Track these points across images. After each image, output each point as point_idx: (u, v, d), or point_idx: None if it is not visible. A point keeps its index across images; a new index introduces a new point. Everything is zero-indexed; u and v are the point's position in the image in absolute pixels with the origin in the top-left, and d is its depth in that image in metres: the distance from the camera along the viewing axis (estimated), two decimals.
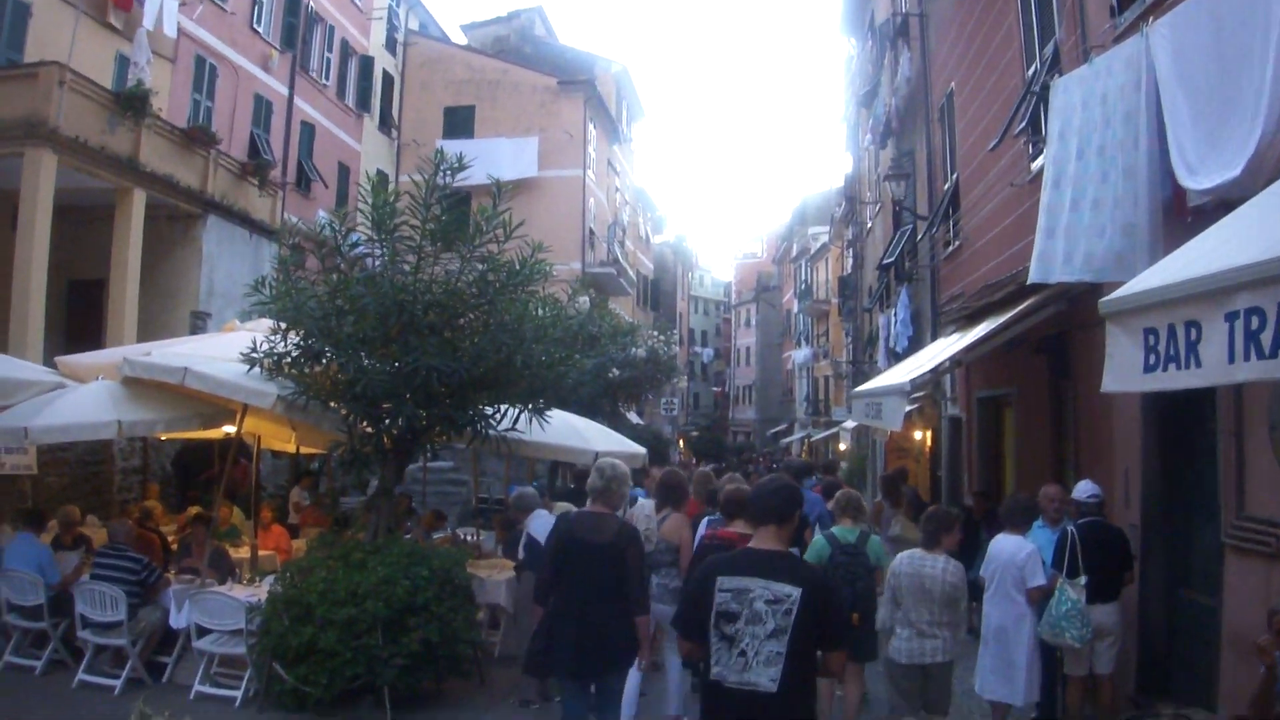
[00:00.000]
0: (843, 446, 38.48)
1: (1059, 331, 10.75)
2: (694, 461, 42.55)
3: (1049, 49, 10.90)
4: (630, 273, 43.30)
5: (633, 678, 7.37)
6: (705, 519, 8.57)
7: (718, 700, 4.37)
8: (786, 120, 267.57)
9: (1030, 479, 12.11)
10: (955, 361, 10.80)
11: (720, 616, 4.33)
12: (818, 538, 8.34)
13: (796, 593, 4.24)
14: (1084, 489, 8.22)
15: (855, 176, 35.80)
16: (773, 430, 74.28)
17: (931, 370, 10.75)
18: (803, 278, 61.98)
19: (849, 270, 38.63)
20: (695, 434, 67.87)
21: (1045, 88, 10.38)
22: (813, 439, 51.08)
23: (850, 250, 37.11)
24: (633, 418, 33.06)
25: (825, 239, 52.88)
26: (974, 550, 10.91)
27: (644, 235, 54.07)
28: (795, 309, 65.70)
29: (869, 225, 29.94)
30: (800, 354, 61.86)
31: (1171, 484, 8.54)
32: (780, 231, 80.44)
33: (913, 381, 10.27)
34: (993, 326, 10.65)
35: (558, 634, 6.26)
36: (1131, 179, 7.14)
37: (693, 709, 7.34)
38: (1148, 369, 4.26)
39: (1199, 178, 6.23)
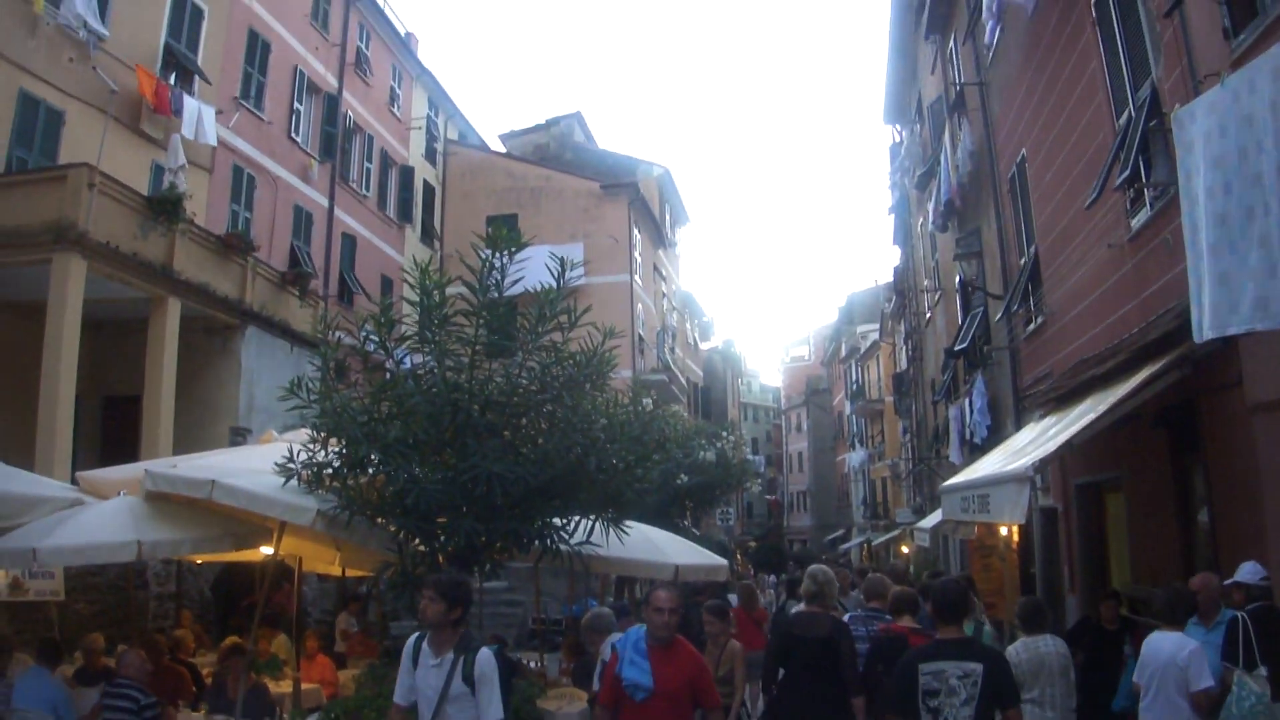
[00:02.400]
0: (905, 549, 37.18)
1: (1181, 401, 9.61)
2: (751, 573, 41.16)
3: (1144, 91, 9.94)
4: (681, 379, 42.42)
5: None
6: (848, 614, 9.07)
7: None
8: (830, 217, 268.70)
9: (1147, 572, 10.91)
10: (1069, 445, 9.63)
11: (925, 694, 5.58)
12: None
13: (980, 667, 5.57)
14: (1252, 571, 7.08)
15: (907, 268, 35.03)
16: (830, 536, 72.73)
17: (1043, 456, 9.56)
18: (853, 378, 61.26)
19: (904, 366, 37.65)
20: (753, 543, 66.39)
21: (1148, 132, 9.47)
22: (873, 543, 49.69)
23: (907, 344, 36.12)
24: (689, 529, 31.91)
25: (875, 337, 52.31)
26: (1114, 669, 9.33)
27: (692, 341, 53.33)
28: (847, 410, 64.83)
29: (928, 315, 28.92)
30: (855, 456, 60.93)
31: None
32: (828, 332, 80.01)
33: (1035, 465, 9.10)
34: (1111, 402, 9.51)
35: (786, 716, 7.52)
36: None
37: None
38: None
39: None
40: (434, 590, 5.98)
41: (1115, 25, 10.77)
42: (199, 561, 14.22)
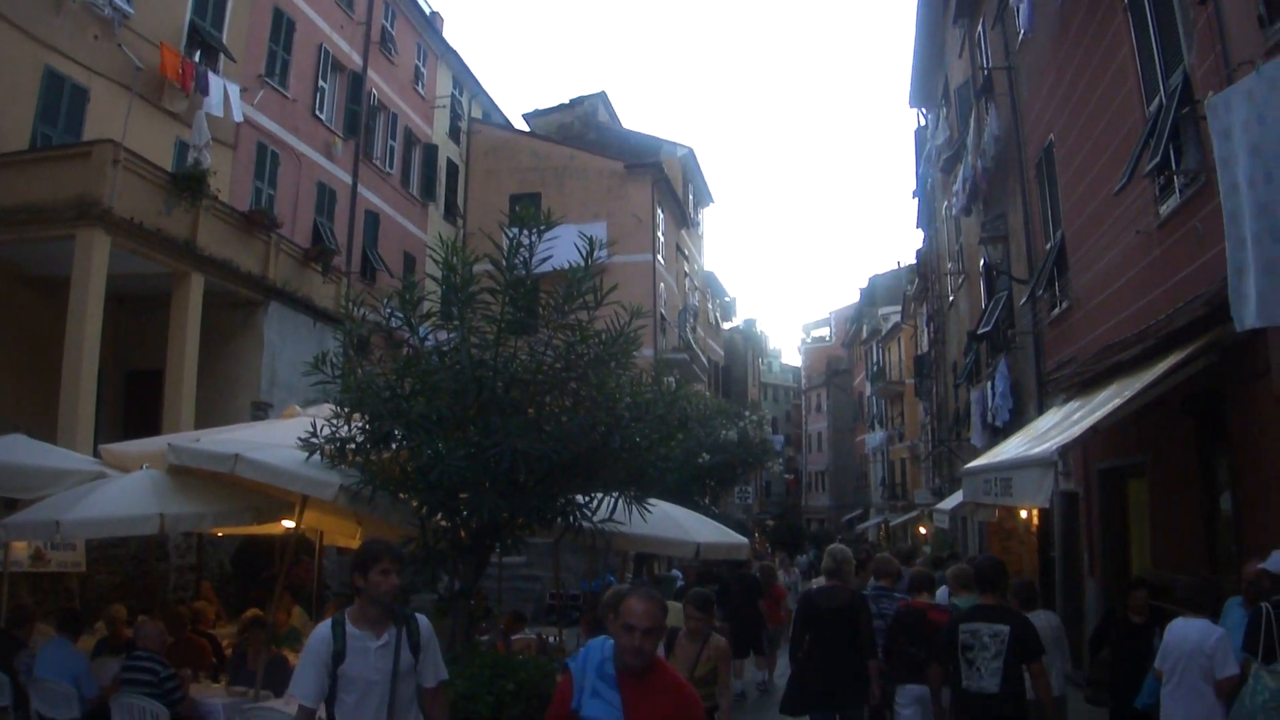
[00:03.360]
0: (923, 530, 37.24)
1: (1208, 389, 9.54)
2: (769, 552, 41.22)
3: (1176, 78, 9.83)
4: (702, 359, 42.36)
5: None
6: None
7: (966, 702, 6.90)
8: (853, 199, 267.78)
9: (1169, 559, 10.87)
10: (1095, 430, 9.59)
11: (964, 649, 6.90)
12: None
13: (1007, 628, 6.84)
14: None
15: (930, 251, 34.89)
16: (847, 516, 72.83)
17: (1067, 441, 9.53)
18: (874, 360, 61.16)
19: (926, 349, 37.55)
20: (771, 523, 66.39)
21: (1179, 119, 9.38)
22: (890, 524, 49.76)
23: (929, 326, 36.00)
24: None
25: (897, 319, 52.13)
26: (1144, 666, 8.52)
27: (714, 321, 53.26)
28: (867, 392, 64.81)
29: (951, 298, 28.80)
30: (874, 438, 60.91)
31: None
32: (849, 313, 79.79)
33: (1060, 449, 9.10)
34: (1137, 388, 9.46)
35: (810, 680, 8.40)
36: None
37: None
38: None
39: None
40: (391, 561, 5.23)
41: (1147, 11, 10.66)
42: (219, 534, 14.25)
